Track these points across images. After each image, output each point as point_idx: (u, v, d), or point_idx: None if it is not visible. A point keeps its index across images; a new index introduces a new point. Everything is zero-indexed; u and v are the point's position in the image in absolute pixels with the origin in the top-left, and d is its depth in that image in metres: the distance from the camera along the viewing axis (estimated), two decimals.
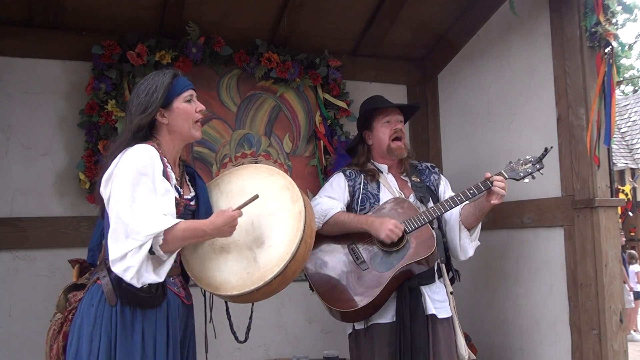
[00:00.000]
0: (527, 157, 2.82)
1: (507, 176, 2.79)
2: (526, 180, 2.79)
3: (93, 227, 3.28)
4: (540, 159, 2.79)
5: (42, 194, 3.27)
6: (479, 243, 2.96)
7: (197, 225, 2.10)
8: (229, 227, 2.09)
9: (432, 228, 2.79)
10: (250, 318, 2.45)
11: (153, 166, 2.06)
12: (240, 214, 2.11)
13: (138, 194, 2.00)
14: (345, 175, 2.98)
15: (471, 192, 2.75)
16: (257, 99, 3.81)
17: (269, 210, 2.21)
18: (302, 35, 3.82)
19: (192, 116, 2.20)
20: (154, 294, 2.05)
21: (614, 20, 3.07)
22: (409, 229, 2.75)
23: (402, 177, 3.02)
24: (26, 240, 3.19)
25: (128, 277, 1.96)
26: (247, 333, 2.41)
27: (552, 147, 2.88)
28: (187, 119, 2.19)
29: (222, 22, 3.58)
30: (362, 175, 2.96)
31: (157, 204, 2.03)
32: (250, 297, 2.16)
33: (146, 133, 2.17)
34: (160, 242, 2.00)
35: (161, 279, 2.04)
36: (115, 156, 2.09)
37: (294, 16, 3.67)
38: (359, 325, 2.82)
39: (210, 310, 2.38)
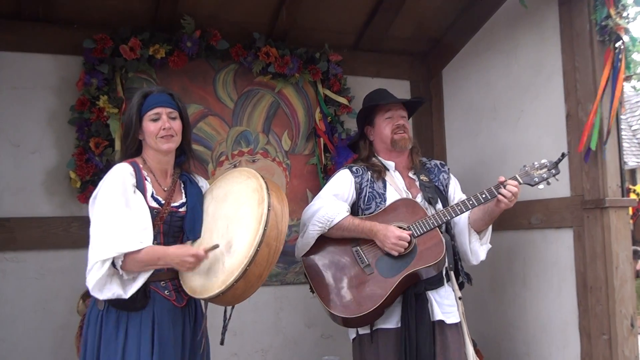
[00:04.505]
0: (543, 162, 2.78)
1: (521, 181, 2.75)
2: (541, 186, 2.77)
3: (84, 228, 3.33)
4: (556, 164, 2.77)
5: (31, 193, 3.27)
6: (490, 246, 2.95)
7: (159, 254, 2.27)
8: (187, 264, 2.25)
9: (441, 232, 2.77)
10: (225, 320, 2.47)
11: (124, 183, 2.29)
12: (206, 257, 2.25)
13: (110, 212, 2.24)
14: (352, 172, 2.94)
15: (483, 196, 2.72)
16: (254, 95, 3.81)
17: (240, 214, 2.32)
18: (301, 29, 3.83)
19: (155, 134, 2.39)
20: (134, 298, 2.25)
21: (624, 14, 3.08)
22: (416, 233, 2.73)
23: (410, 175, 2.98)
24: (14, 241, 3.20)
25: (90, 286, 2.21)
26: (223, 334, 2.47)
27: (569, 152, 2.91)
28: (152, 136, 2.39)
29: (218, 14, 3.59)
30: (369, 173, 2.94)
31: (130, 220, 2.25)
32: (221, 300, 2.28)
33: (137, 150, 2.45)
34: (120, 263, 2.21)
35: (126, 295, 2.23)
36: (103, 173, 2.39)
37: (293, 9, 3.68)
38: (363, 330, 2.81)
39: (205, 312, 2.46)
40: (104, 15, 3.39)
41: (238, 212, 2.33)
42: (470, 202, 2.74)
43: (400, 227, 2.74)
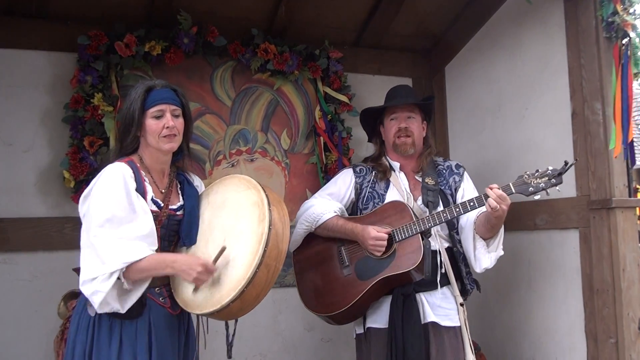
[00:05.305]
0: (547, 170, 2.65)
1: (514, 190, 2.64)
2: (537, 196, 2.64)
3: (78, 229, 3.30)
4: (559, 174, 2.63)
5: (23, 193, 3.25)
6: (502, 253, 2.86)
7: (168, 262, 2.21)
8: (195, 274, 2.16)
9: (422, 239, 2.72)
10: (228, 335, 2.41)
11: (127, 186, 2.19)
12: (214, 268, 2.19)
13: (113, 218, 2.13)
14: (354, 171, 2.99)
15: (471, 204, 2.67)
16: (253, 93, 3.79)
17: (239, 229, 2.24)
18: (301, 25, 3.81)
19: (158, 132, 2.29)
20: (130, 307, 2.17)
21: (631, 10, 3.06)
22: (398, 238, 2.72)
23: (416, 177, 2.97)
24: (7, 242, 3.18)
25: (96, 301, 2.10)
26: (229, 350, 2.40)
27: (576, 160, 2.89)
28: (154, 135, 2.29)
29: (215, 10, 3.57)
30: (374, 173, 2.96)
31: (133, 227, 2.15)
32: (215, 317, 2.22)
33: (134, 147, 2.34)
34: (124, 269, 2.12)
35: (123, 310, 2.15)
36: (97, 173, 2.26)
37: (293, 4, 3.66)
38: (359, 329, 2.88)
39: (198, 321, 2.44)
40: (98, 11, 3.38)
41: (237, 225, 2.25)
42: (457, 210, 2.69)
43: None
